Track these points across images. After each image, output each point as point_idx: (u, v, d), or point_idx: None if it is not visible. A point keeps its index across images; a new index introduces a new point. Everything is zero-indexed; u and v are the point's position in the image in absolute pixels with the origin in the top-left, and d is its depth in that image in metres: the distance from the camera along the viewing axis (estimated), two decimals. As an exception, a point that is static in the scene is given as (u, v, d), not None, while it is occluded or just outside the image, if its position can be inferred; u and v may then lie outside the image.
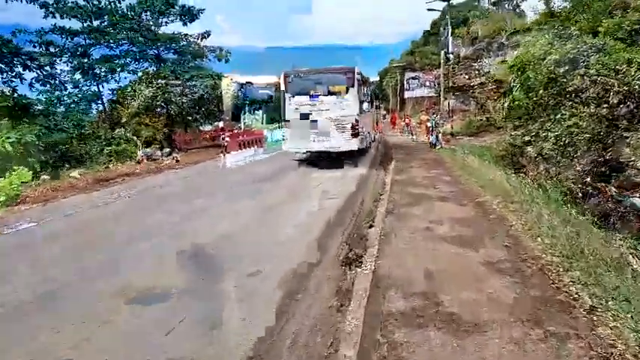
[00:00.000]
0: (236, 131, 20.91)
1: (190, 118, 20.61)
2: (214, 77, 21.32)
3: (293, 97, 10.91)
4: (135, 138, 16.12)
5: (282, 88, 11.20)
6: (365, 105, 12.21)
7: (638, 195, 6.60)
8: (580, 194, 7.93)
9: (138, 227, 5.85)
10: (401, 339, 2.66)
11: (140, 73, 19.18)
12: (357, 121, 10.55)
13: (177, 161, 14.70)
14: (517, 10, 35.93)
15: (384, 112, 61.69)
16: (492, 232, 4.75)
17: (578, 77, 7.74)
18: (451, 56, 20.47)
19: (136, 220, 6.33)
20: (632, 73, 7.20)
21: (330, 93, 10.67)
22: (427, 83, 31.26)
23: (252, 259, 4.28)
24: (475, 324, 2.79)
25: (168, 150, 17.26)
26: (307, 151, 11.64)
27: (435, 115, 20.90)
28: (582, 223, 4.99)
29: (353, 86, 10.57)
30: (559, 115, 7.83)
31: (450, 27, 19.12)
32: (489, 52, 22.32)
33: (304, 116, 10.73)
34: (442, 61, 19.52)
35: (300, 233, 5.15)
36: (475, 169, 9.30)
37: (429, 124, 17.60)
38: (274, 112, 25.57)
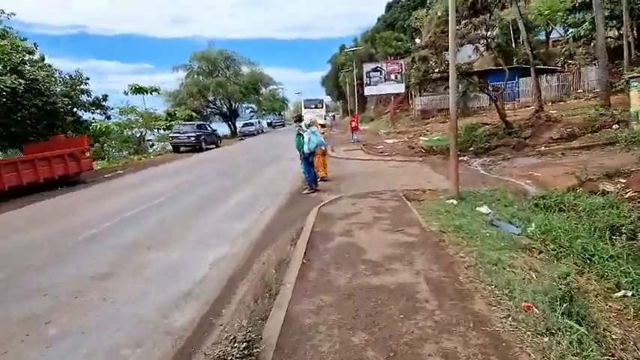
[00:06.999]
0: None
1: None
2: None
3: (305, 107, 36.53)
4: None
5: (302, 104, 38.25)
6: (326, 110, 39.50)
7: None
8: None
9: None
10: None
11: None
12: (325, 116, 35.23)
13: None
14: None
15: (333, 114, 58.64)
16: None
17: None
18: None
19: None
20: None
21: (316, 107, 37.09)
22: (392, 76, 25.47)
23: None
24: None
25: None
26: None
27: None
28: None
29: (322, 104, 39.07)
30: None
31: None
32: None
33: (308, 113, 30.35)
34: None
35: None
36: None
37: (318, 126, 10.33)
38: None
